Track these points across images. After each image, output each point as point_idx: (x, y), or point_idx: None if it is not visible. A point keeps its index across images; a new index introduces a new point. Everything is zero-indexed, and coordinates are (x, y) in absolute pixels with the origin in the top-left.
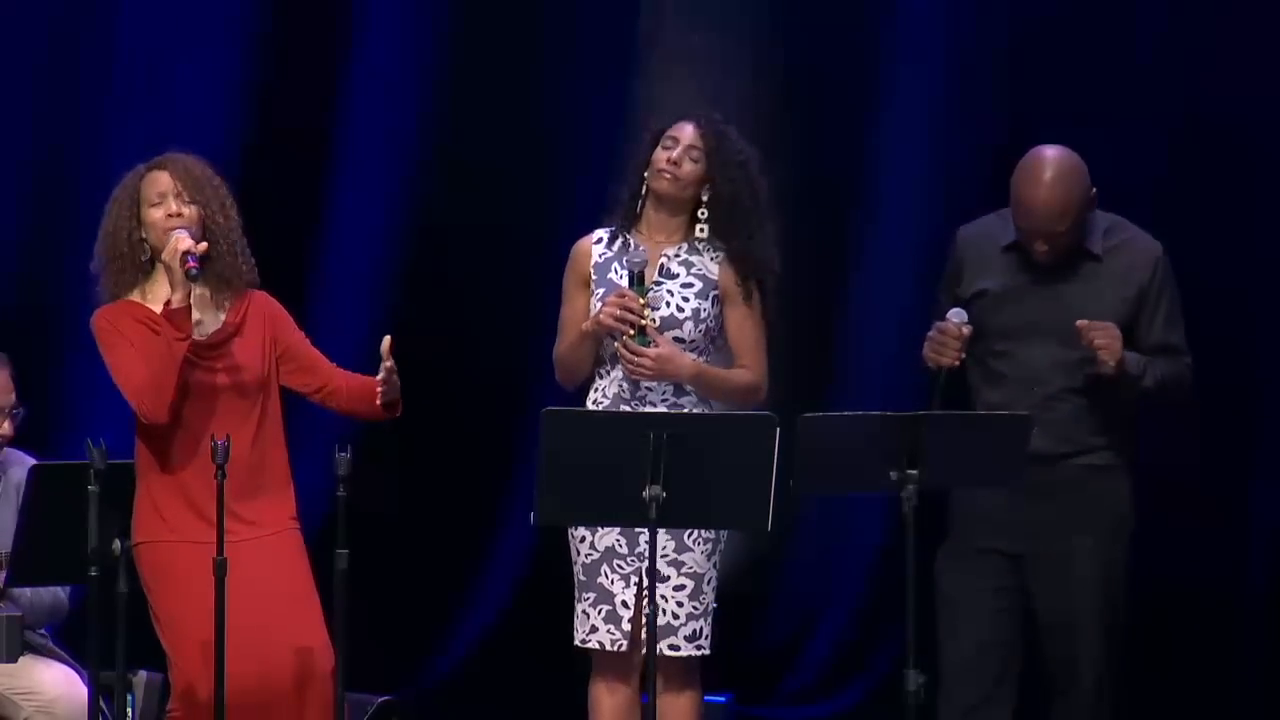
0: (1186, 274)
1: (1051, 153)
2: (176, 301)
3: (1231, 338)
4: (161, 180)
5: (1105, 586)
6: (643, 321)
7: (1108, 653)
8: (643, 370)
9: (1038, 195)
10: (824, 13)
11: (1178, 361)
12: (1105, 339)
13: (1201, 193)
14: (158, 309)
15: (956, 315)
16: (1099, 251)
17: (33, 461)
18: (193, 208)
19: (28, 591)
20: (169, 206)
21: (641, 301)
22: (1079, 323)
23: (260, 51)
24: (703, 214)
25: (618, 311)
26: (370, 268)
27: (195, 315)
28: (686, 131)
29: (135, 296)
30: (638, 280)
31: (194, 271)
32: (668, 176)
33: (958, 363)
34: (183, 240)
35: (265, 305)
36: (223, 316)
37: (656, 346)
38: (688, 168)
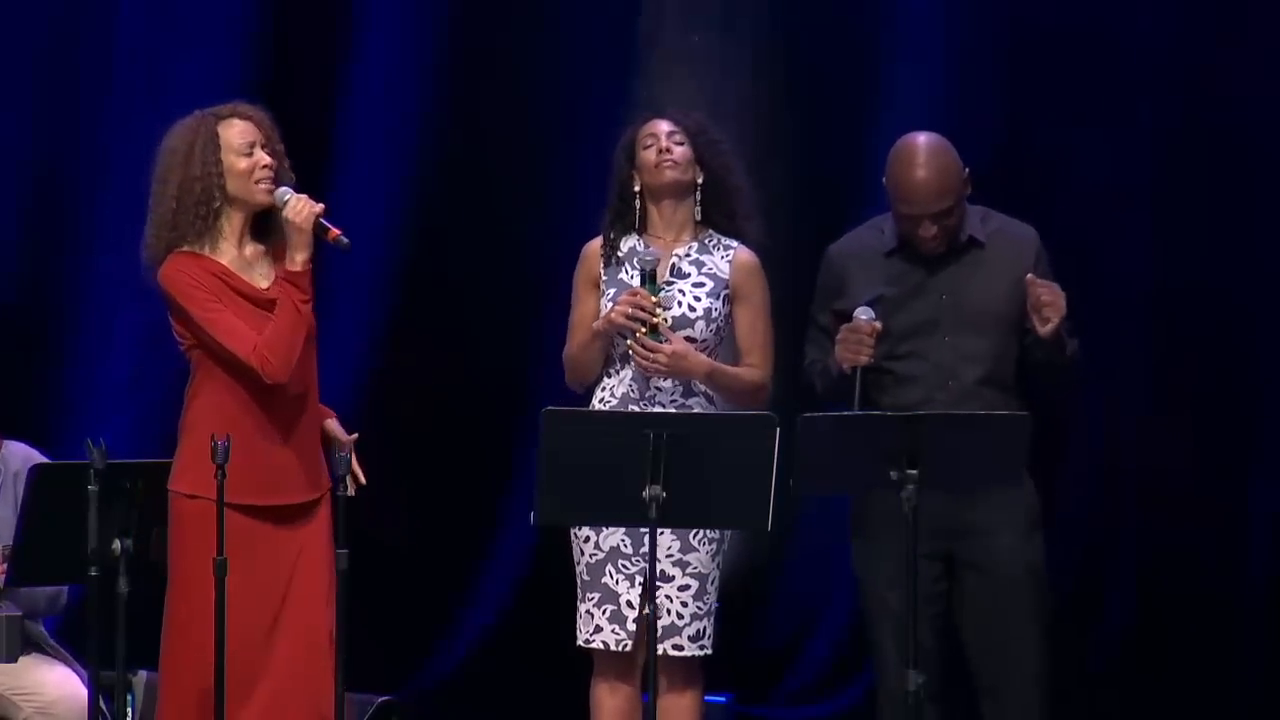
0: (1185, 274)
1: (919, 136)
2: (300, 264)
3: (1231, 338)
4: (248, 130)
5: (1033, 583)
6: (655, 320)
7: (1041, 650)
8: (657, 366)
9: (915, 176)
10: (824, 13)
11: (1074, 343)
12: (1051, 295)
13: (1200, 193)
14: (223, 261)
15: (864, 313)
16: (982, 238)
17: (33, 452)
18: (273, 160)
19: None
20: (260, 157)
21: (654, 300)
22: (1028, 276)
23: (260, 51)
24: (698, 198)
25: (629, 310)
26: (370, 268)
27: (263, 269)
28: (660, 125)
29: (196, 247)
30: (650, 279)
31: (345, 240)
32: (668, 164)
33: (872, 359)
34: (311, 202)
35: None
36: (271, 272)
37: (670, 344)
38: (679, 150)
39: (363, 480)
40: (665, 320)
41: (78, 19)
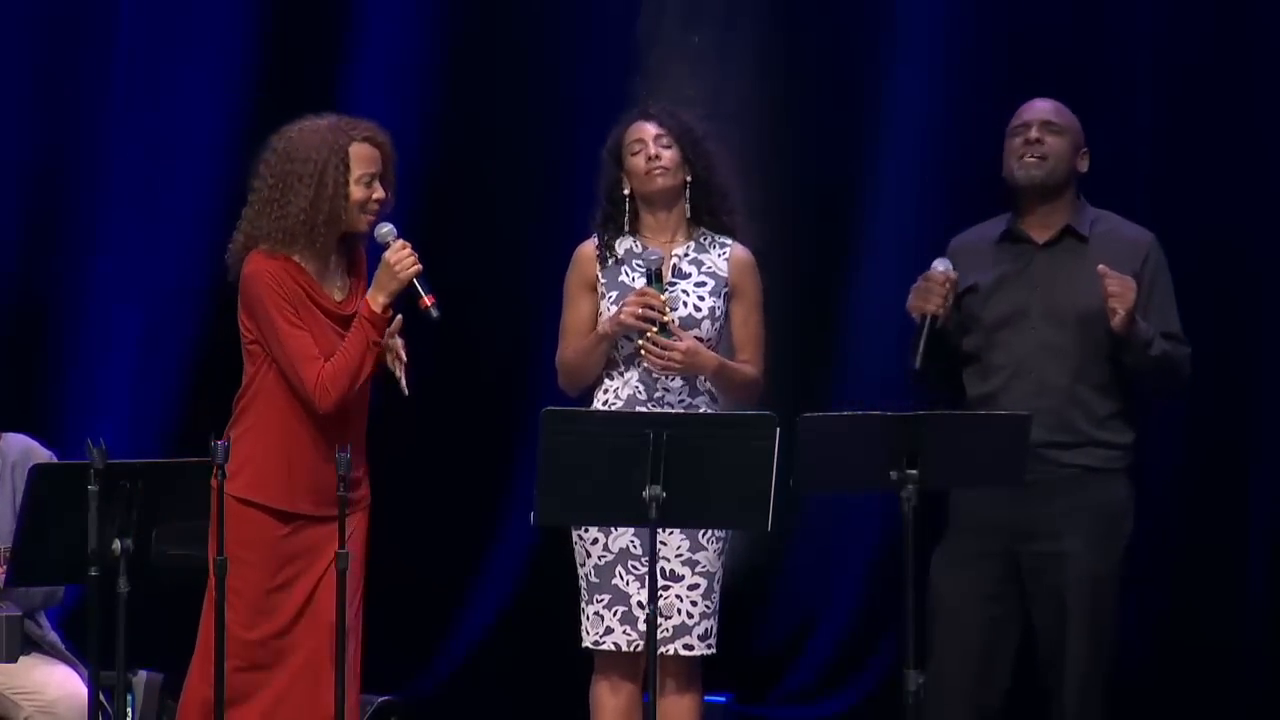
0: (1184, 274)
1: None
2: (380, 306)
3: (1230, 339)
4: (373, 158)
5: (1094, 587)
6: (664, 318)
7: (1093, 659)
8: (673, 363)
9: (1035, 101)
10: (824, 13)
11: (1179, 348)
12: (1119, 287)
13: (1200, 193)
14: (309, 269)
15: (941, 264)
16: (1087, 233)
17: (32, 444)
18: (388, 194)
19: None
20: (376, 190)
21: (662, 299)
22: (1100, 267)
23: (260, 51)
24: (687, 197)
25: (639, 310)
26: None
27: (339, 280)
28: (647, 129)
29: (296, 257)
30: (655, 278)
31: (435, 313)
32: (657, 171)
33: (941, 311)
34: (415, 259)
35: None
36: (346, 283)
37: (682, 341)
38: (667, 155)
39: (404, 359)
40: (673, 319)
41: (78, 19)
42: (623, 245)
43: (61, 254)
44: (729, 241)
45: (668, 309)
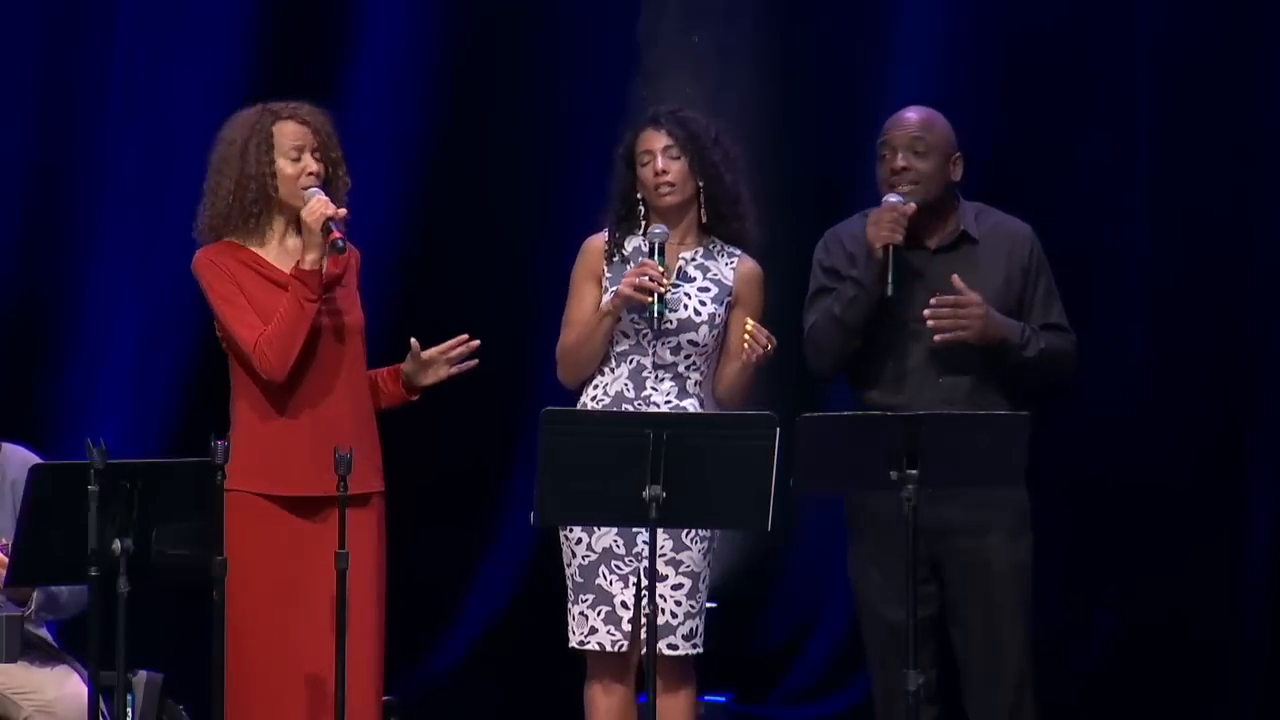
0: (1185, 274)
1: None
2: (310, 263)
3: (1230, 339)
4: (299, 133)
5: (1017, 584)
6: (662, 289)
7: (1025, 650)
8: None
9: (904, 112)
10: (824, 13)
11: (1064, 337)
12: (946, 322)
13: (1200, 193)
14: (262, 253)
15: (895, 197)
16: (976, 234)
17: (32, 456)
18: (322, 165)
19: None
20: (307, 163)
21: (662, 269)
22: (925, 312)
23: (260, 52)
24: (701, 202)
25: (637, 280)
26: (371, 268)
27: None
28: (655, 139)
29: (238, 239)
30: (659, 252)
31: (340, 244)
32: (666, 189)
33: (900, 239)
34: (327, 205)
35: (358, 263)
36: (325, 264)
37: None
38: (676, 167)
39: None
40: (669, 290)
41: (78, 19)
42: (631, 244)
43: (61, 254)
44: (738, 252)
45: (666, 280)
